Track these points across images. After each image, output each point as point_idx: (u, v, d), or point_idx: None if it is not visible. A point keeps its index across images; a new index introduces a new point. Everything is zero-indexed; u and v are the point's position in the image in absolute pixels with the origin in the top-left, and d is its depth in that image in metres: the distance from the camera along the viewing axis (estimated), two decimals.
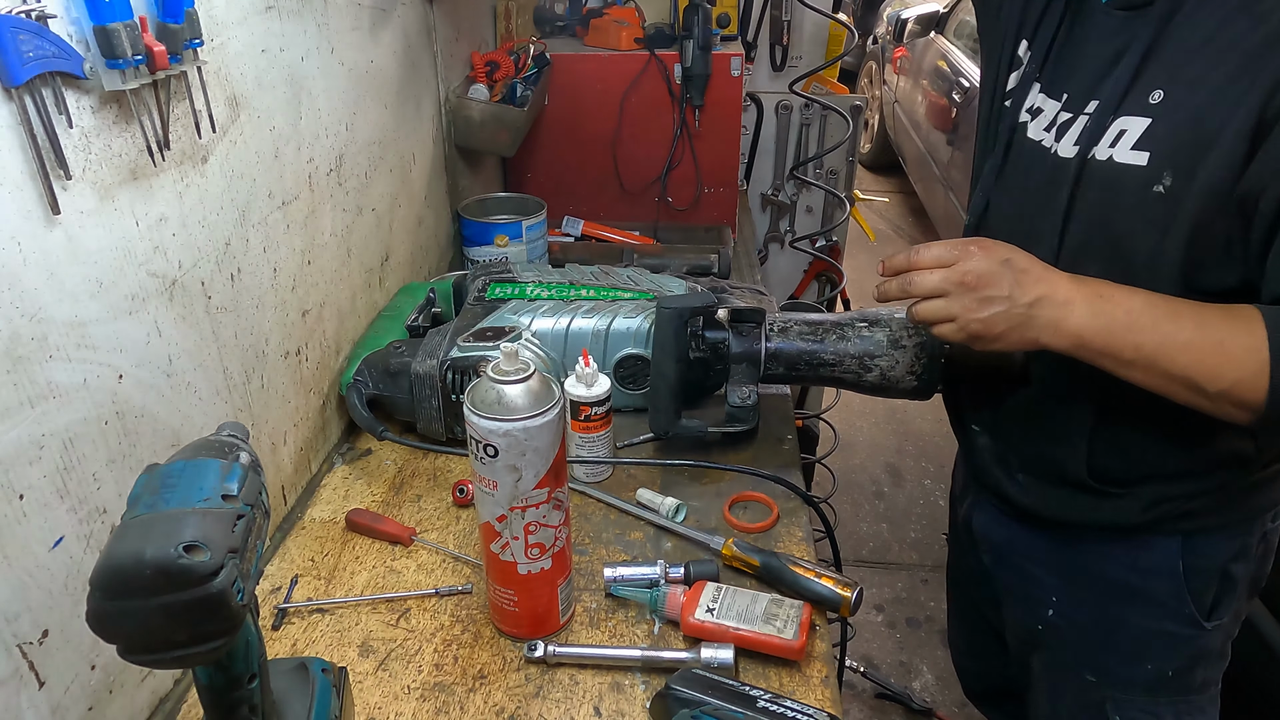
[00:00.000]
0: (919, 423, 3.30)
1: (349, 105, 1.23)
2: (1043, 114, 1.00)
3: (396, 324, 1.30)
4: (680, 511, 1.09)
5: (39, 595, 0.70)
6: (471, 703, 0.86)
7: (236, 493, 0.61)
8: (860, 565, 2.67)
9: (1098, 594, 1.08)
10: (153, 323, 0.81)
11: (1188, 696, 1.09)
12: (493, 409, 0.80)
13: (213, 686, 0.64)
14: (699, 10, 1.80)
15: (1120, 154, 0.88)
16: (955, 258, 0.87)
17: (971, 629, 1.43)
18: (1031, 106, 1.01)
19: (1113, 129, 0.89)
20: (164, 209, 0.82)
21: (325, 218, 1.17)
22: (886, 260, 0.92)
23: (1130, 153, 0.87)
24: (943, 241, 0.89)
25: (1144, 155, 0.86)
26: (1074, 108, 0.95)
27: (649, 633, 0.93)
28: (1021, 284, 0.85)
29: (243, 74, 0.94)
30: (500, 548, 0.86)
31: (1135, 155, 0.87)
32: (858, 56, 6.32)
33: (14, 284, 0.65)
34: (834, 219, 2.50)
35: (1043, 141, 0.99)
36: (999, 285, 0.85)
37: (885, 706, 2.22)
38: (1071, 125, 0.94)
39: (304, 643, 0.92)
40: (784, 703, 0.79)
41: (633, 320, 1.21)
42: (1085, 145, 0.91)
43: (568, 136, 1.97)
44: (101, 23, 0.69)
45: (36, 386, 0.68)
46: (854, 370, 1.11)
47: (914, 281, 0.89)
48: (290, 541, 1.07)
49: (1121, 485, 1.00)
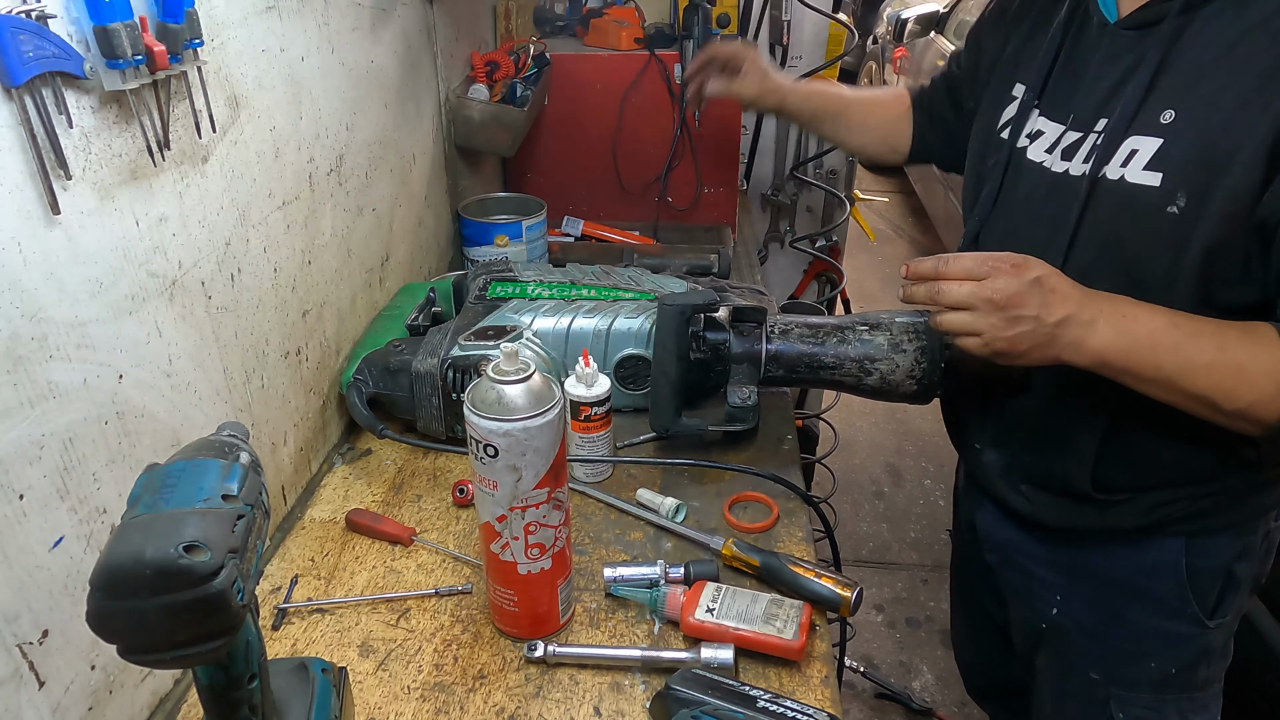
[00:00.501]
0: (919, 423, 3.30)
1: (349, 105, 1.23)
2: (1044, 136, 1.00)
3: (397, 323, 1.30)
4: (680, 511, 1.09)
5: (39, 595, 0.70)
6: (471, 703, 0.86)
7: (237, 493, 0.60)
8: (860, 565, 2.67)
9: (1101, 594, 1.08)
10: (153, 323, 0.81)
11: (1191, 694, 1.09)
12: (493, 409, 0.80)
13: (213, 686, 0.64)
14: (699, 10, 1.80)
15: (1132, 174, 0.88)
16: (986, 273, 0.85)
17: (975, 626, 1.43)
18: (1031, 131, 1.01)
19: (1124, 148, 0.89)
20: (164, 209, 0.82)
21: (325, 218, 1.17)
22: (913, 265, 0.90)
23: (1143, 173, 0.87)
24: (974, 255, 0.87)
25: (1157, 176, 0.86)
26: (1082, 127, 0.94)
27: (649, 633, 0.93)
28: (1049, 304, 0.84)
29: (243, 74, 0.94)
30: (500, 548, 0.86)
31: (1148, 176, 0.87)
32: (858, 56, 6.32)
33: (14, 284, 0.65)
34: (834, 219, 2.50)
35: (1044, 163, 0.98)
36: (1028, 305, 0.84)
37: (885, 706, 2.22)
38: (1081, 145, 0.94)
39: (304, 643, 0.92)
40: (784, 703, 0.79)
41: (634, 320, 1.21)
42: (1096, 164, 0.91)
43: (568, 136, 1.97)
44: (101, 23, 0.68)
45: (36, 386, 0.68)
46: (854, 373, 1.11)
47: (942, 291, 0.88)
48: (290, 541, 1.07)
49: (1125, 493, 1.00)
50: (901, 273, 0.92)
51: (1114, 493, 1.00)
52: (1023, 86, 1.04)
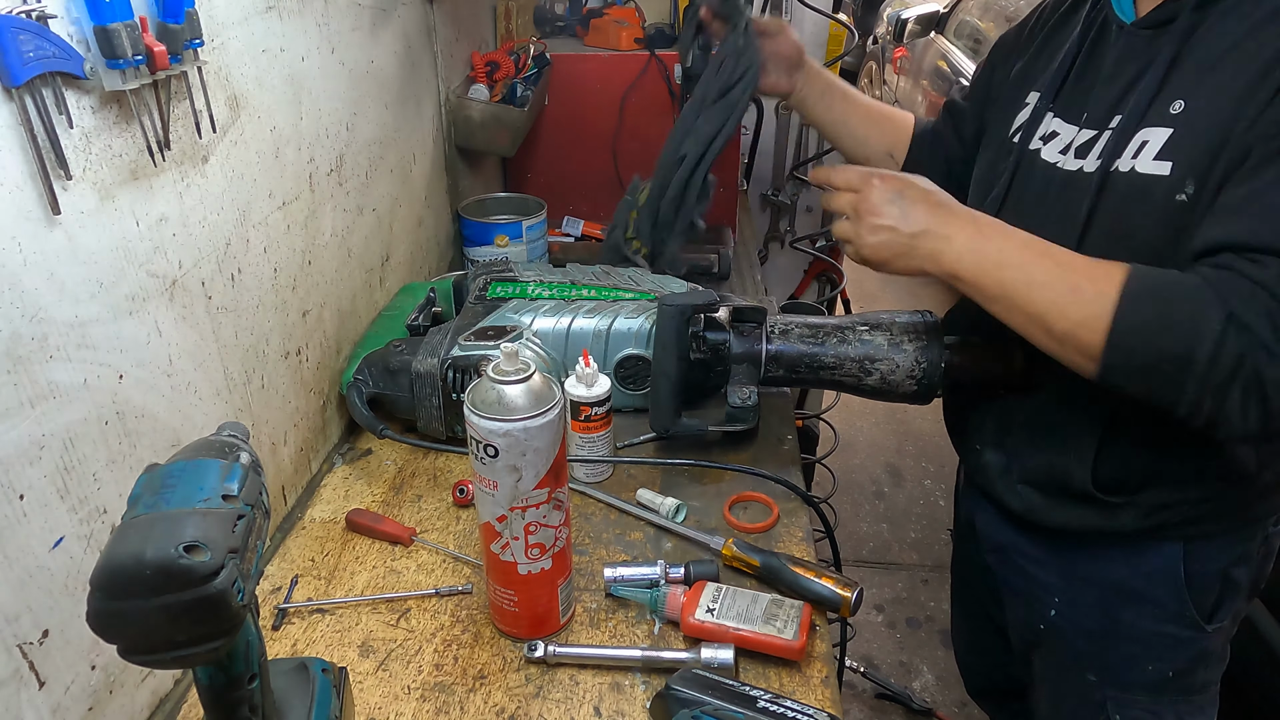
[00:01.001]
0: (919, 423, 3.30)
1: (349, 105, 1.23)
2: (1058, 137, 1.00)
3: (397, 323, 1.30)
4: (680, 512, 1.09)
5: (39, 595, 0.70)
6: (471, 703, 0.86)
7: (237, 493, 0.60)
8: (860, 565, 2.67)
9: (1099, 596, 1.08)
10: (153, 323, 0.81)
11: (1188, 697, 1.09)
12: (493, 409, 0.80)
13: (213, 686, 0.64)
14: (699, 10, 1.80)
15: (1143, 165, 0.88)
16: (859, 184, 0.95)
17: (975, 626, 1.43)
18: (1045, 133, 1.02)
19: (1135, 140, 0.89)
20: (164, 209, 0.82)
21: (325, 218, 1.17)
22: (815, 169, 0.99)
23: (1153, 163, 0.87)
24: (860, 169, 0.97)
25: (1166, 165, 0.86)
26: (1096, 125, 0.95)
27: (649, 633, 0.93)
28: (908, 215, 0.92)
29: (243, 74, 0.94)
30: (500, 548, 0.86)
31: (1158, 165, 0.87)
32: (858, 56, 6.31)
33: (14, 284, 0.65)
34: (834, 219, 2.50)
35: (1058, 163, 0.99)
36: (887, 215, 0.92)
37: (885, 706, 2.22)
38: (1095, 143, 0.94)
39: (304, 643, 0.92)
40: (784, 703, 0.78)
41: (634, 321, 1.21)
42: (1107, 159, 0.91)
43: (568, 136, 1.97)
44: (102, 23, 0.69)
45: (36, 386, 0.68)
46: (854, 373, 1.11)
47: (828, 198, 0.99)
48: (290, 541, 1.07)
49: (1124, 494, 1.00)
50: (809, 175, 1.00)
51: (1114, 492, 1.00)
52: (1036, 94, 1.05)
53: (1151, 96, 0.88)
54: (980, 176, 1.14)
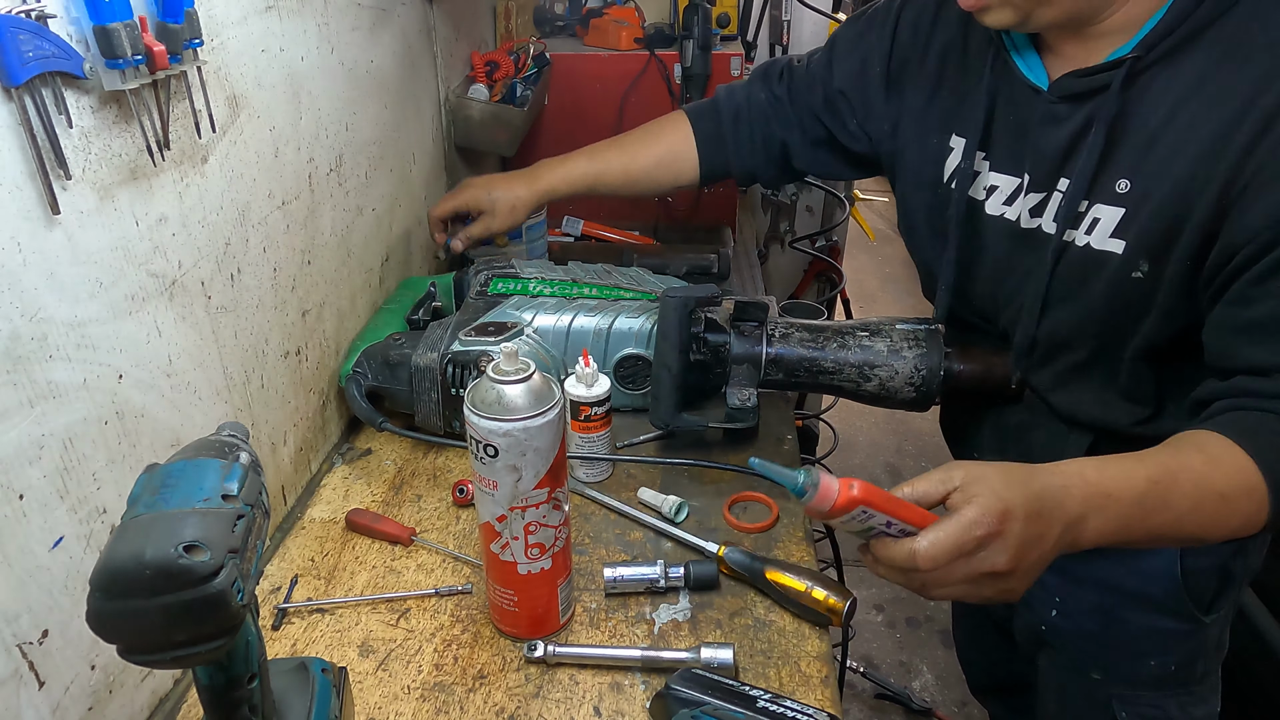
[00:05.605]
0: (919, 423, 3.30)
1: (349, 105, 1.23)
2: (999, 190, 0.99)
3: (396, 317, 1.30)
4: (683, 510, 1.09)
5: (39, 595, 0.70)
6: (471, 703, 0.86)
7: (236, 493, 0.60)
8: (860, 565, 2.66)
9: (1099, 596, 1.08)
10: (153, 323, 0.81)
11: (1190, 688, 1.10)
12: (493, 409, 0.80)
13: (213, 686, 0.64)
14: (699, 10, 1.80)
15: (1097, 241, 0.89)
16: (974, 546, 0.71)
17: (976, 623, 1.44)
18: (987, 186, 1.01)
19: (1088, 216, 0.90)
20: (164, 209, 0.82)
21: (325, 218, 1.17)
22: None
23: (1108, 240, 0.89)
24: (949, 534, 0.71)
25: (1120, 244, 0.88)
26: (1044, 186, 0.94)
27: (649, 633, 0.93)
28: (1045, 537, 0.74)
29: (242, 74, 0.94)
30: (500, 548, 0.86)
31: (1112, 244, 0.88)
32: None
33: (14, 284, 0.65)
34: (834, 219, 2.50)
35: (1006, 215, 0.99)
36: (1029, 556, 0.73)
37: (885, 706, 2.23)
38: (1047, 205, 0.94)
39: (304, 643, 0.92)
40: (784, 703, 0.79)
41: (635, 320, 1.21)
42: (1062, 226, 0.91)
43: (568, 136, 1.96)
44: (101, 23, 0.68)
45: (36, 386, 0.68)
46: (853, 379, 1.11)
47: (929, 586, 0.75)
48: (290, 541, 1.07)
49: None
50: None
51: None
52: (960, 139, 1.03)
53: (1094, 170, 0.88)
54: (921, 218, 1.11)
